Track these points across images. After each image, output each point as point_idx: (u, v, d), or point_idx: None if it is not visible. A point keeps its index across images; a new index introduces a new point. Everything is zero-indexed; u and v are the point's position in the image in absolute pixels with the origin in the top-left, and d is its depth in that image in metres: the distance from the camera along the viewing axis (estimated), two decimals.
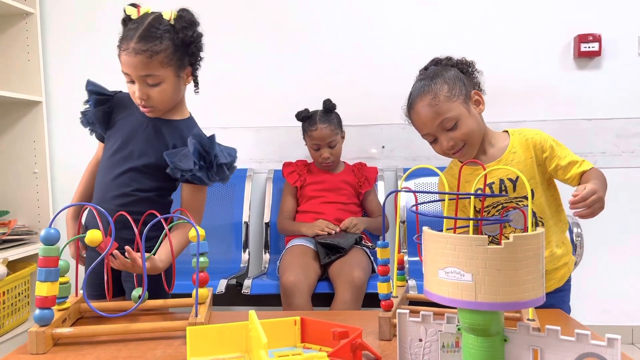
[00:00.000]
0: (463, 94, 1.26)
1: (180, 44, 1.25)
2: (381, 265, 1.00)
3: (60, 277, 1.03)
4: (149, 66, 1.21)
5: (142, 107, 1.28)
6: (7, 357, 0.93)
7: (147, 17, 1.25)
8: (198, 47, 1.32)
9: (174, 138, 1.31)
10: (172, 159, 1.25)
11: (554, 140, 1.28)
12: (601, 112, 2.38)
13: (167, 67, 1.24)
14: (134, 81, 1.25)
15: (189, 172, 1.24)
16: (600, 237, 2.29)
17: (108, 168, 1.32)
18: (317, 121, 2.12)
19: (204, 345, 0.89)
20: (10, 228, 2.27)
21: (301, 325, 0.95)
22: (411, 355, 0.77)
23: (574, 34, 2.36)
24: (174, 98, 1.31)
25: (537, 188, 1.27)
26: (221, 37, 2.51)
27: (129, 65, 1.22)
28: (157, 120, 1.32)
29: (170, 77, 1.26)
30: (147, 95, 1.25)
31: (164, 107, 1.30)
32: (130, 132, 1.32)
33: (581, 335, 0.64)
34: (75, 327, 1.00)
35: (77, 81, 2.60)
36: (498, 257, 0.62)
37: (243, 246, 2.33)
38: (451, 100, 1.24)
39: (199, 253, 1.04)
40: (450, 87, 1.26)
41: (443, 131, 1.25)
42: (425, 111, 1.26)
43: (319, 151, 2.14)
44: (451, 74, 1.29)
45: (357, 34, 2.47)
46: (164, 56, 1.22)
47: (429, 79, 1.29)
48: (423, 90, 1.28)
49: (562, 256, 1.33)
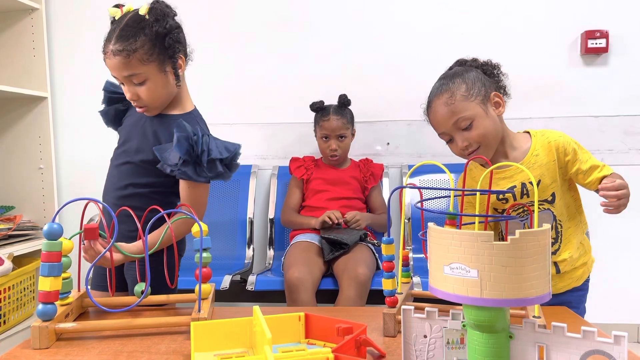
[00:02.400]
0: (482, 94, 1.25)
1: (155, 37, 1.22)
2: (386, 261, 1.00)
3: (62, 272, 1.03)
4: (128, 66, 1.20)
5: (137, 107, 1.29)
6: (10, 352, 0.93)
7: (126, 16, 1.23)
8: (174, 38, 1.26)
9: (166, 133, 1.28)
10: (162, 154, 1.24)
11: (576, 143, 1.27)
12: (608, 109, 2.36)
13: (148, 64, 1.22)
14: (123, 83, 1.25)
15: (175, 167, 1.22)
16: (607, 234, 2.27)
17: (112, 163, 1.36)
18: (331, 112, 2.15)
19: (208, 340, 0.89)
20: (15, 223, 2.28)
21: (305, 321, 0.94)
22: (416, 352, 0.76)
23: (581, 31, 2.34)
24: (166, 94, 1.29)
25: (558, 190, 1.26)
26: (228, 34, 2.51)
27: (112, 68, 1.23)
28: (154, 117, 1.32)
29: (154, 74, 1.24)
30: (137, 95, 1.24)
31: (156, 105, 1.29)
32: (130, 129, 1.34)
33: (587, 332, 0.63)
34: (78, 322, 1.00)
35: (82, 77, 2.62)
36: (504, 253, 0.61)
37: (247, 242, 2.33)
38: (468, 99, 1.23)
39: (202, 248, 1.04)
40: (468, 87, 1.25)
41: (458, 131, 1.24)
42: (441, 109, 1.25)
43: (328, 142, 2.15)
44: (472, 75, 1.28)
45: (364, 31, 2.46)
46: (142, 53, 1.20)
47: (448, 78, 1.28)
48: (441, 89, 1.27)
49: (581, 256, 1.32)
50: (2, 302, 2.08)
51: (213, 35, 2.51)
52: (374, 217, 2.15)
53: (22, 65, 2.43)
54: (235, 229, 2.36)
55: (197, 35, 2.50)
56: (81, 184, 2.57)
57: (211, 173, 1.24)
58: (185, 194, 1.28)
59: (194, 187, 1.27)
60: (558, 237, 1.28)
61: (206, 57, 2.51)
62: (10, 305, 2.14)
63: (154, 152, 1.25)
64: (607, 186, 1.08)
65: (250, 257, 2.29)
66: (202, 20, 2.51)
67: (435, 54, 2.42)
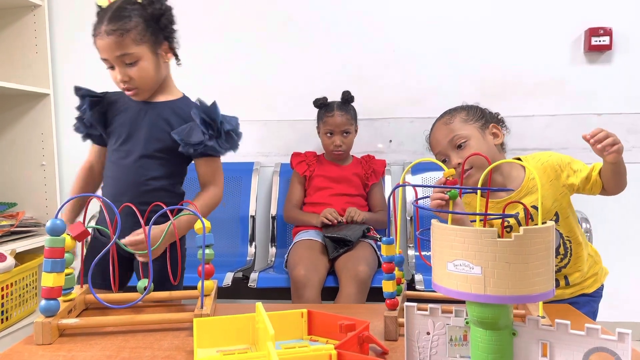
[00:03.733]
0: (481, 121, 1.31)
1: (150, 19, 1.23)
2: (386, 262, 0.99)
3: (65, 268, 1.03)
4: (122, 45, 1.20)
5: (127, 90, 1.27)
6: (13, 348, 0.93)
7: (116, 2, 1.23)
8: (169, 19, 1.29)
9: (175, 117, 1.30)
10: (181, 137, 1.25)
11: (567, 157, 1.29)
12: (612, 107, 2.35)
13: (142, 44, 1.22)
14: (113, 66, 1.24)
15: (201, 145, 1.24)
16: (610, 232, 2.27)
17: (118, 163, 1.31)
18: (335, 108, 2.15)
19: (211, 336, 0.89)
20: (18, 220, 2.28)
21: (308, 318, 0.94)
22: (419, 349, 0.76)
23: (585, 28, 2.33)
24: (156, 77, 1.29)
25: (561, 210, 1.28)
26: (229, 30, 2.51)
27: (103, 49, 1.21)
28: (154, 105, 1.31)
29: (147, 55, 1.24)
30: (128, 77, 1.23)
31: (148, 87, 1.28)
32: (131, 123, 1.31)
33: (591, 330, 0.63)
34: (81, 318, 1.00)
35: (84, 73, 2.61)
36: (508, 250, 0.61)
37: (249, 239, 2.33)
38: (466, 122, 1.30)
39: (204, 245, 1.04)
40: (468, 112, 1.32)
41: (453, 149, 1.29)
42: (439, 129, 1.33)
43: (332, 138, 2.15)
44: (473, 105, 1.36)
45: (366, 28, 2.45)
46: (135, 33, 1.21)
47: (450, 109, 1.36)
48: (442, 115, 1.36)
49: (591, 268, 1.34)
50: (4, 299, 2.08)
51: (215, 32, 2.51)
52: (371, 214, 2.14)
53: (24, 62, 2.43)
54: (237, 226, 2.36)
55: (200, 33, 2.51)
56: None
57: (229, 144, 1.29)
58: (207, 171, 1.32)
59: (213, 161, 1.32)
60: (567, 253, 1.29)
61: (209, 54, 2.51)
62: (12, 302, 2.14)
63: (173, 136, 1.26)
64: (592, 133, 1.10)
65: (253, 254, 2.29)
66: (204, 17, 2.50)
67: (438, 51, 2.42)
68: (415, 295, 1.15)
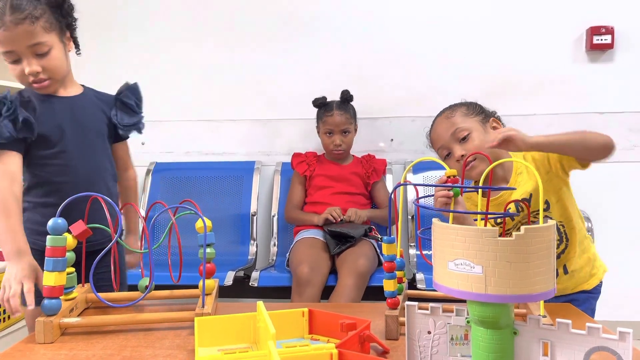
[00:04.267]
0: (481, 115, 1.33)
1: (55, 5, 1.19)
2: (387, 261, 0.99)
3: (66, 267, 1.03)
4: (33, 34, 1.13)
5: (35, 83, 1.18)
6: (15, 347, 0.93)
7: None
8: (70, 6, 1.25)
9: (104, 105, 1.33)
10: (119, 121, 1.29)
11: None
12: (613, 106, 2.35)
13: (51, 32, 1.17)
14: (18, 59, 1.16)
15: (135, 126, 1.31)
16: (612, 231, 2.27)
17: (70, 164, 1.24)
18: (334, 108, 2.16)
19: (212, 335, 0.89)
20: None
21: (309, 317, 0.94)
22: (419, 348, 0.76)
23: (586, 26, 2.33)
24: (66, 65, 1.26)
25: (550, 196, 1.26)
26: (230, 30, 2.50)
27: (11, 41, 1.12)
28: (78, 98, 1.29)
29: (57, 43, 1.20)
30: (41, 68, 1.16)
31: (59, 77, 1.23)
32: (66, 120, 1.24)
33: (592, 329, 0.63)
34: (82, 317, 1.01)
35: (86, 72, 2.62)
36: (509, 249, 0.61)
37: (251, 238, 2.34)
38: (467, 116, 1.32)
39: (205, 244, 1.04)
40: (467, 107, 1.34)
41: (456, 142, 1.30)
42: (441, 123, 1.34)
43: (332, 137, 2.15)
44: (472, 102, 1.38)
45: (366, 27, 2.45)
46: (45, 20, 1.15)
47: (451, 105, 1.38)
48: (443, 111, 1.38)
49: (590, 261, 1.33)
50: None
51: (216, 33, 2.51)
52: (376, 211, 2.14)
53: None
54: (238, 225, 2.36)
55: (201, 32, 2.52)
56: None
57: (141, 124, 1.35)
58: (126, 153, 1.40)
59: (126, 143, 1.40)
60: (562, 238, 1.28)
61: (210, 54, 2.51)
62: None
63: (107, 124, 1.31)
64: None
65: (254, 253, 2.29)
66: (205, 17, 2.50)
67: (439, 50, 2.42)
68: (416, 294, 1.15)
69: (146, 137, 2.55)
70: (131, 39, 2.53)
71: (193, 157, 2.55)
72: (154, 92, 2.57)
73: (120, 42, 2.54)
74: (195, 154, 2.55)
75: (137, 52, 2.53)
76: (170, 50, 2.53)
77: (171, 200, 2.38)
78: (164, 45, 2.53)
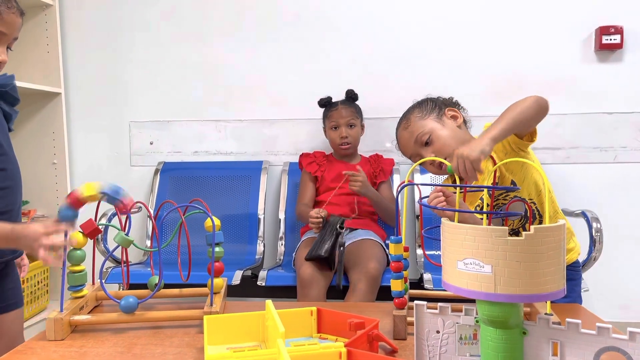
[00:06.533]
0: (435, 111, 1.36)
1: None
2: (394, 261, 0.99)
3: (76, 265, 1.04)
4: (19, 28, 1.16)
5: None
6: (26, 344, 0.94)
7: None
8: None
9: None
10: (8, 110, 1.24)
11: None
12: (622, 106, 2.33)
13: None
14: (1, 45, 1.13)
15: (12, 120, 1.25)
16: (620, 232, 2.26)
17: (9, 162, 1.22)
18: (339, 103, 2.18)
19: (221, 333, 0.89)
20: (30, 218, 2.30)
21: (317, 316, 0.95)
22: (428, 347, 0.76)
23: (596, 26, 2.32)
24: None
25: (515, 176, 1.28)
26: (237, 29, 2.51)
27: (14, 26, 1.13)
28: None
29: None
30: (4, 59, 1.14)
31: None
32: None
33: (602, 329, 0.63)
34: (92, 315, 1.02)
35: (96, 72, 2.64)
36: (518, 248, 0.61)
37: (258, 238, 2.34)
38: (422, 118, 1.36)
39: (214, 243, 1.05)
40: (420, 109, 1.38)
41: (422, 147, 1.34)
42: (402, 136, 1.39)
43: (338, 130, 2.15)
44: (423, 99, 1.42)
45: (374, 27, 2.45)
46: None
47: (404, 113, 1.43)
48: (400, 122, 1.42)
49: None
50: None
51: (223, 32, 2.52)
52: (378, 196, 2.09)
53: (36, 62, 2.45)
54: (246, 225, 2.37)
55: (209, 32, 2.52)
56: (94, 179, 2.56)
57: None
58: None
59: None
60: (535, 214, 1.29)
61: (217, 54, 2.52)
62: (25, 299, 2.16)
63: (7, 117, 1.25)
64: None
65: (261, 253, 2.29)
66: (212, 17, 2.51)
67: (447, 49, 2.41)
68: (422, 294, 1.15)
69: (154, 137, 2.57)
70: (138, 40, 2.54)
71: (201, 157, 2.56)
72: (162, 93, 2.60)
73: (128, 43, 2.55)
74: (203, 153, 2.56)
75: (145, 52, 2.55)
76: (178, 51, 2.54)
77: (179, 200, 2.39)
78: (171, 46, 2.54)
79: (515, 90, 2.37)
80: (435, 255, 2.16)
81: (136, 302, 1.00)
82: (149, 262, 2.20)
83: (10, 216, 1.16)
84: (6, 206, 1.16)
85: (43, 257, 0.96)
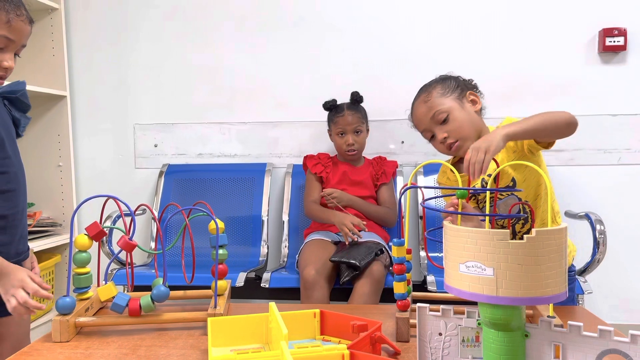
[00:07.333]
0: (457, 91, 1.35)
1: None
2: (397, 263, 0.99)
3: (82, 267, 1.05)
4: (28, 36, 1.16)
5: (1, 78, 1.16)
6: (32, 345, 0.95)
7: None
8: None
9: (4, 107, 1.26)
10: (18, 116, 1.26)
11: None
12: (626, 108, 2.33)
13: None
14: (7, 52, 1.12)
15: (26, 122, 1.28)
16: (624, 234, 2.25)
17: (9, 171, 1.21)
18: (345, 108, 2.17)
19: (225, 335, 0.90)
20: (35, 220, 2.31)
21: (320, 318, 0.95)
22: (431, 349, 0.76)
23: (599, 28, 2.32)
24: None
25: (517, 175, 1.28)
26: (241, 32, 2.52)
27: (22, 34, 1.13)
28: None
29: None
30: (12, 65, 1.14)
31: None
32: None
33: (604, 332, 0.63)
34: (97, 316, 1.02)
35: (101, 75, 2.66)
36: (520, 251, 0.62)
37: (262, 240, 2.35)
38: (444, 96, 1.34)
39: (218, 245, 1.06)
40: (442, 86, 1.36)
41: (437, 125, 1.33)
42: (420, 107, 1.37)
43: (344, 137, 2.15)
44: (447, 76, 1.40)
45: (377, 29, 2.45)
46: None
47: (426, 84, 1.42)
48: (420, 93, 1.41)
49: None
50: None
51: (227, 35, 2.53)
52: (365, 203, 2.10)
53: (41, 65, 2.47)
54: (249, 227, 2.38)
55: (212, 35, 2.54)
56: (99, 182, 2.61)
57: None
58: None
59: None
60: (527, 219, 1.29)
61: (221, 57, 2.53)
62: None
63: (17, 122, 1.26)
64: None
65: (265, 255, 2.30)
66: (216, 20, 2.52)
67: (451, 52, 2.41)
68: (425, 296, 1.15)
69: (159, 139, 2.58)
70: (143, 43, 2.56)
71: (205, 159, 2.57)
72: (167, 95, 2.61)
73: (133, 46, 2.56)
74: (207, 156, 2.57)
75: (149, 55, 2.56)
76: (182, 54, 2.55)
77: (183, 202, 2.42)
78: (175, 49, 2.55)
79: (519, 92, 2.39)
80: (439, 257, 2.16)
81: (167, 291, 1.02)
82: (153, 264, 2.21)
83: (14, 219, 1.18)
84: (9, 209, 1.17)
85: (14, 307, 1.02)
